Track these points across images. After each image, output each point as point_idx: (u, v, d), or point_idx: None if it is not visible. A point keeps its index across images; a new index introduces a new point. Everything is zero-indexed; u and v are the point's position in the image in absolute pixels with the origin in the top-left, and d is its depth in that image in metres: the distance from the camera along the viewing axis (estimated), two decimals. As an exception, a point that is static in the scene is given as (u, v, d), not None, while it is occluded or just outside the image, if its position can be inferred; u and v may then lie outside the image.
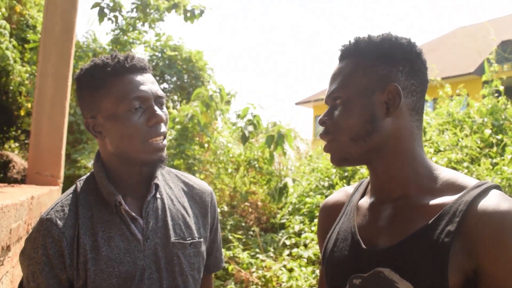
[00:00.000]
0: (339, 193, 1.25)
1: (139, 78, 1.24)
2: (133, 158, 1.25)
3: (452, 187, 0.98)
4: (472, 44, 16.91)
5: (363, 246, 1.03)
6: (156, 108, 1.24)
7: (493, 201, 0.90)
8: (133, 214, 1.25)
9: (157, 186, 1.32)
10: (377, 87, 1.02)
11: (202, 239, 1.36)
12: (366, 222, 1.07)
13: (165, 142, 1.27)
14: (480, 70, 13.51)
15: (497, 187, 0.96)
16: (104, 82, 1.22)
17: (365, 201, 1.12)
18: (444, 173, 1.02)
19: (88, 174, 1.35)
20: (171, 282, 1.27)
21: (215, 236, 1.45)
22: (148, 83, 1.25)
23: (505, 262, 0.85)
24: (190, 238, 1.32)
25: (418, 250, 0.93)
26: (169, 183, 1.39)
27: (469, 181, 0.98)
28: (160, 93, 1.27)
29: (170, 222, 1.30)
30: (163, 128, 1.25)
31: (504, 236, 0.86)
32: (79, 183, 1.32)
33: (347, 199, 1.20)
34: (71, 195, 1.29)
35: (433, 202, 0.97)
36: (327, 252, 1.14)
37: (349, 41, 1.09)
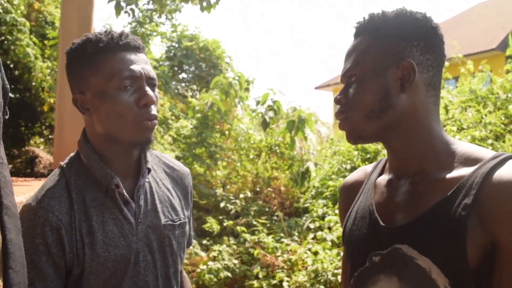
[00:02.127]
0: (358, 173, 1.25)
1: (132, 56, 1.21)
2: (121, 138, 1.22)
3: (469, 160, 0.97)
4: (494, 19, 16.50)
5: (381, 223, 1.03)
6: (147, 88, 1.21)
7: (508, 171, 0.89)
8: (128, 197, 1.24)
9: (149, 170, 1.30)
10: (391, 63, 1.01)
11: (186, 220, 1.38)
12: (384, 200, 1.07)
13: (154, 123, 1.23)
14: (503, 45, 13.18)
15: None
16: (95, 57, 1.19)
17: (383, 179, 1.12)
18: (462, 147, 1.01)
19: (72, 155, 1.30)
20: (163, 263, 1.28)
21: (190, 215, 1.46)
22: (141, 62, 1.22)
23: None
24: (177, 219, 1.33)
25: (435, 225, 0.92)
26: (153, 166, 1.38)
27: (486, 153, 0.97)
28: (152, 74, 1.24)
29: (158, 205, 1.30)
30: (154, 111, 1.22)
31: None
32: (66, 166, 1.26)
33: (366, 177, 1.20)
34: (60, 180, 1.23)
35: (449, 176, 0.96)
36: (346, 231, 1.15)
37: (363, 18, 1.08)
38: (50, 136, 8.30)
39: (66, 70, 1.28)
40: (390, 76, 1.01)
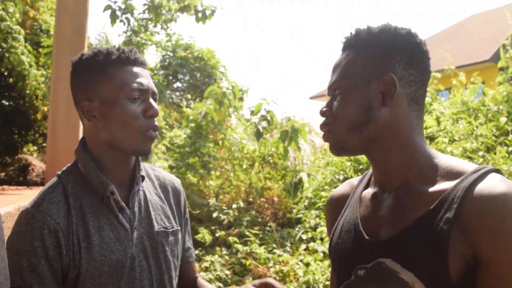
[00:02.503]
0: (344, 186, 1.26)
1: (140, 71, 1.29)
2: (125, 146, 1.27)
3: (452, 174, 0.98)
4: (487, 31, 16.65)
5: (366, 237, 1.04)
6: (152, 101, 1.29)
7: (489, 185, 0.90)
8: (123, 204, 1.28)
9: (143, 177, 1.36)
10: (373, 77, 1.03)
11: (179, 228, 1.42)
12: (369, 213, 1.08)
13: (156, 134, 1.31)
14: (496, 57, 13.29)
15: (496, 170, 0.95)
16: (107, 68, 1.26)
17: (368, 192, 1.13)
18: (444, 161, 1.02)
19: (69, 164, 1.35)
20: (158, 269, 1.31)
21: (186, 225, 1.50)
22: (147, 77, 1.30)
23: (501, 245, 0.85)
24: (170, 227, 1.37)
25: (418, 239, 0.93)
26: (146, 176, 1.42)
27: (468, 166, 0.98)
28: (155, 90, 1.33)
29: (152, 213, 1.35)
30: (156, 122, 1.30)
31: (499, 219, 0.86)
32: (63, 174, 1.31)
33: (352, 191, 1.21)
34: (58, 186, 1.28)
35: (432, 189, 0.97)
36: (332, 244, 1.16)
37: (350, 33, 1.10)
38: (43, 144, 8.27)
39: (72, 78, 1.32)
40: (372, 89, 1.03)
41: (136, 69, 1.28)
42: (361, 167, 5.37)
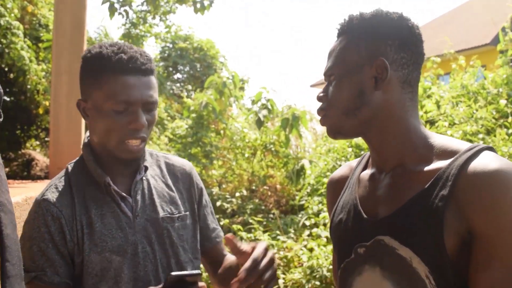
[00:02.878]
0: (343, 168, 1.30)
1: (134, 81, 1.26)
2: (108, 150, 1.32)
3: (446, 153, 1.01)
4: (488, 14, 16.56)
5: (364, 216, 1.08)
6: (140, 114, 1.27)
7: (482, 162, 0.93)
8: (122, 193, 1.33)
9: (146, 168, 1.40)
10: (366, 62, 1.06)
11: (188, 212, 1.44)
12: (367, 193, 1.12)
13: (142, 145, 1.31)
14: (496, 41, 13.23)
15: (489, 148, 0.98)
16: (100, 74, 1.27)
17: (366, 173, 1.17)
18: (438, 140, 1.05)
19: (78, 157, 1.42)
20: (163, 253, 1.36)
21: (205, 207, 1.51)
22: (141, 87, 1.27)
23: (494, 220, 0.88)
24: (177, 212, 1.40)
25: (414, 216, 0.97)
26: (153, 164, 1.46)
27: (462, 145, 1.01)
28: (151, 99, 1.29)
29: (157, 200, 1.38)
30: (142, 133, 1.29)
31: (492, 195, 0.89)
32: (70, 166, 1.39)
33: (351, 172, 1.25)
34: (63, 177, 1.36)
35: (427, 168, 1.01)
36: (333, 224, 1.19)
37: (344, 19, 1.13)
38: (46, 139, 8.30)
39: (79, 75, 1.36)
40: (364, 74, 1.05)
41: (130, 79, 1.26)
42: (362, 152, 5.40)
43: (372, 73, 1.05)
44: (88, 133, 1.41)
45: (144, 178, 1.39)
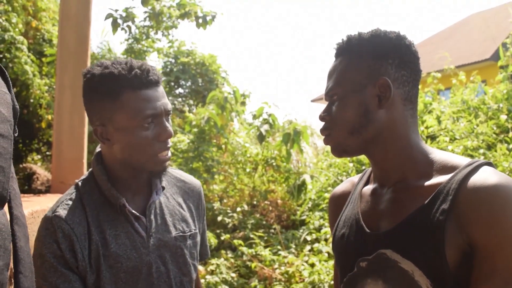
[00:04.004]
0: (345, 184, 1.32)
1: (153, 93, 1.26)
2: (139, 167, 1.31)
3: (446, 168, 1.03)
4: (488, 29, 16.67)
5: (367, 230, 1.09)
6: (166, 124, 1.29)
7: (482, 177, 0.95)
8: (137, 214, 1.32)
9: (163, 188, 1.39)
10: (368, 82, 1.08)
11: (197, 230, 1.45)
12: (369, 208, 1.13)
13: (169, 154, 1.33)
14: (496, 56, 13.30)
15: (488, 164, 1.00)
16: (119, 94, 1.24)
17: (368, 188, 1.18)
18: (439, 156, 1.07)
19: (86, 174, 1.39)
20: (177, 273, 1.36)
21: (203, 226, 1.53)
22: (161, 98, 1.28)
23: (494, 233, 0.90)
24: (188, 231, 1.41)
25: (416, 230, 0.98)
26: (165, 181, 1.45)
27: (462, 160, 1.03)
28: (169, 107, 1.31)
29: (168, 219, 1.38)
30: (170, 143, 1.32)
31: (492, 209, 0.91)
32: (80, 183, 1.35)
33: (353, 188, 1.26)
34: (74, 193, 1.33)
35: (428, 183, 1.03)
36: (335, 239, 1.21)
37: (342, 39, 1.15)
38: (47, 153, 8.31)
39: (85, 98, 1.33)
40: (368, 93, 1.08)
41: (149, 93, 1.25)
42: (363, 167, 5.41)
43: (376, 92, 1.07)
44: (98, 150, 1.38)
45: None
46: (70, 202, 1.30)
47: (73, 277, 1.23)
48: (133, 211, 1.31)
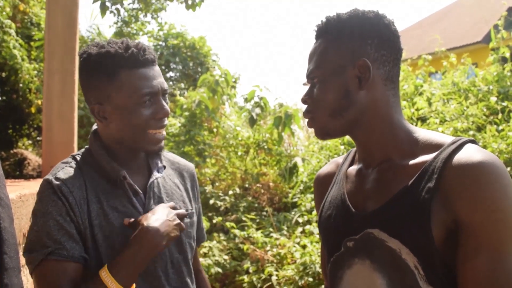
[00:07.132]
0: (330, 165, 1.32)
1: (150, 72, 1.28)
2: (135, 147, 1.32)
3: (431, 147, 1.04)
4: (479, 12, 16.66)
5: (353, 210, 1.10)
6: (163, 102, 1.30)
7: (466, 155, 0.96)
8: (137, 188, 1.33)
9: (164, 167, 1.41)
10: (348, 63, 1.08)
11: (194, 210, 1.46)
12: (355, 188, 1.14)
13: (164, 133, 1.33)
14: (488, 38, 13.32)
15: (472, 141, 1.01)
16: (116, 73, 1.25)
17: (353, 169, 1.19)
18: (423, 135, 1.08)
19: (82, 150, 1.39)
20: (171, 250, 1.37)
21: (199, 208, 1.55)
22: (157, 77, 1.29)
23: (479, 210, 0.91)
24: (185, 210, 1.41)
25: (402, 209, 0.99)
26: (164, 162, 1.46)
27: (446, 139, 1.04)
28: (165, 86, 1.32)
29: (165, 199, 1.39)
30: (166, 121, 1.32)
31: (477, 186, 0.92)
32: (77, 156, 1.35)
33: (337, 169, 1.27)
34: (74, 163, 1.33)
35: (413, 162, 1.04)
36: (321, 220, 1.21)
37: (321, 21, 1.14)
38: (38, 138, 8.27)
39: (81, 78, 1.33)
40: (348, 75, 1.08)
41: (146, 71, 1.27)
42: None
43: (355, 74, 1.07)
44: (94, 128, 1.39)
45: (159, 176, 1.39)
46: (70, 169, 1.30)
47: (76, 236, 1.23)
48: (133, 183, 1.31)
